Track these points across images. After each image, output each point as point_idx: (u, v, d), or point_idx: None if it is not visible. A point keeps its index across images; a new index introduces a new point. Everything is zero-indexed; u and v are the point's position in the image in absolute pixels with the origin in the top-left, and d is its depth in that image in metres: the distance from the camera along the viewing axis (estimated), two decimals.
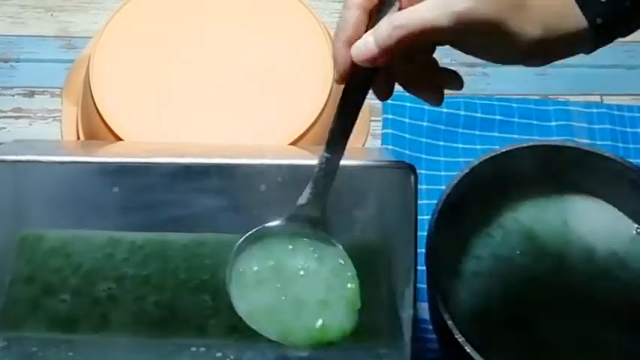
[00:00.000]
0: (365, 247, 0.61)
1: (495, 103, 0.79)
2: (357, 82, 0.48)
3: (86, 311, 0.61)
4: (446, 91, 0.48)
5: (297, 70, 0.72)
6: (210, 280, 0.62)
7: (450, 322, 0.57)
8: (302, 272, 0.53)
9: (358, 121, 0.49)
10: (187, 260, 0.63)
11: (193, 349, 0.60)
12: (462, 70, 0.49)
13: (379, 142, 0.78)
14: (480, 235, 0.65)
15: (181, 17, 0.74)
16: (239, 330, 0.59)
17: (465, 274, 0.64)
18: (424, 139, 0.77)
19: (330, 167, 0.50)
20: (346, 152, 0.50)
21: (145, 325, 0.60)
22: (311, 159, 0.51)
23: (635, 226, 0.65)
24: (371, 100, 0.78)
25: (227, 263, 0.53)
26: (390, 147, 0.76)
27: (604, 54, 0.47)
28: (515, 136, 0.78)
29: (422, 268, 0.66)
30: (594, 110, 0.80)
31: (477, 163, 0.63)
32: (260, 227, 0.53)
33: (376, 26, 0.45)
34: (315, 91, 0.71)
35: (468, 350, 0.56)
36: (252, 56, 0.72)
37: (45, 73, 0.81)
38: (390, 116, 0.78)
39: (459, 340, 0.56)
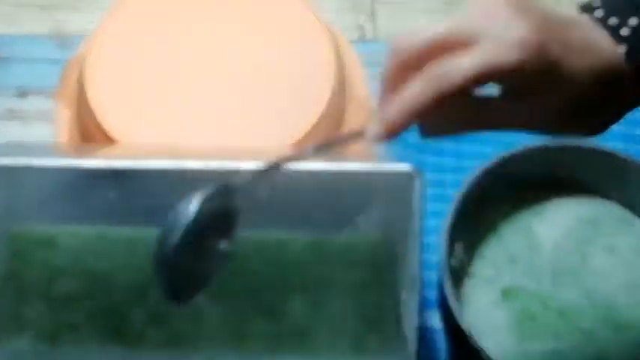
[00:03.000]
0: (369, 252, 0.60)
1: None
2: None
3: (83, 317, 0.60)
4: None
5: (298, 71, 0.70)
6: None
7: (468, 332, 0.58)
8: None
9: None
10: None
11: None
12: None
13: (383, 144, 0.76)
14: (492, 237, 0.66)
15: (178, 16, 0.72)
16: (237, 338, 0.59)
17: (476, 277, 0.65)
18: (430, 142, 0.76)
19: None
20: (349, 155, 0.49)
21: (143, 332, 0.60)
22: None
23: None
24: (373, 100, 0.77)
25: None
26: (395, 149, 0.75)
27: None
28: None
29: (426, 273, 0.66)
30: None
31: (489, 166, 0.64)
32: None
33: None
34: (317, 91, 0.69)
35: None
36: (251, 56, 0.71)
37: (39, 73, 0.79)
38: None
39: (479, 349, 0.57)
